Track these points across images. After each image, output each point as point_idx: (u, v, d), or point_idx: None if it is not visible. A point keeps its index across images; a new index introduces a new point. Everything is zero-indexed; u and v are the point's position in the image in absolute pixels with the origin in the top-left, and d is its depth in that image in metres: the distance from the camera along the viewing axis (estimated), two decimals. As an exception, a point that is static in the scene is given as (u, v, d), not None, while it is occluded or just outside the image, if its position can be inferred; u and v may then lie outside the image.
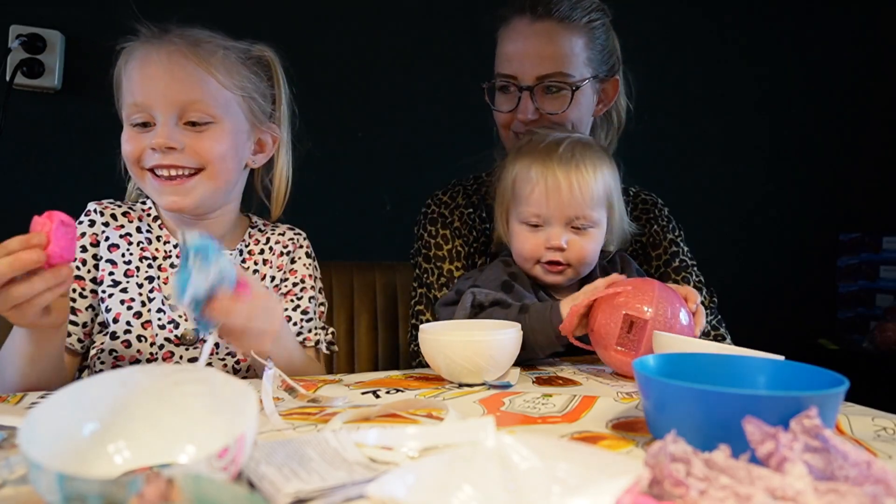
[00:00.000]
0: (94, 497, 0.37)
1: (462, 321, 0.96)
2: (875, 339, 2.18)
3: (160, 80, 0.91)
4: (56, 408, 0.47)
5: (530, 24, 1.15)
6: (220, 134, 0.93)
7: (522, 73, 1.16)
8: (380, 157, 1.86)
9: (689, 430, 0.47)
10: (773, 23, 2.33)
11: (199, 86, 0.92)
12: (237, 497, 0.34)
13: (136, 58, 0.93)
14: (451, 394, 0.77)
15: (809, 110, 2.39)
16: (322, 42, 1.80)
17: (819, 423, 0.44)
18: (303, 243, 1.09)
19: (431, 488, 0.42)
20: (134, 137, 0.92)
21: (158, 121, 0.91)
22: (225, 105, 0.94)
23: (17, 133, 1.54)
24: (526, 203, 1.03)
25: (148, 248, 0.99)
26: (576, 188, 1.01)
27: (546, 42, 1.15)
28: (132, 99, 0.92)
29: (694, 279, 1.24)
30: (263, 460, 0.48)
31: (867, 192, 2.45)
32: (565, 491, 0.42)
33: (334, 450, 0.50)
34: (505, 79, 1.18)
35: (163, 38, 0.94)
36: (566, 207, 1.02)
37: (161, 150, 0.90)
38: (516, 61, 1.16)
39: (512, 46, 1.17)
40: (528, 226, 1.04)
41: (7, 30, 1.50)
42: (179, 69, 0.91)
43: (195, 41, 0.94)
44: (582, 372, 0.92)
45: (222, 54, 0.95)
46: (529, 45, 1.16)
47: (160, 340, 0.95)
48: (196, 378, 0.53)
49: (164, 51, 0.92)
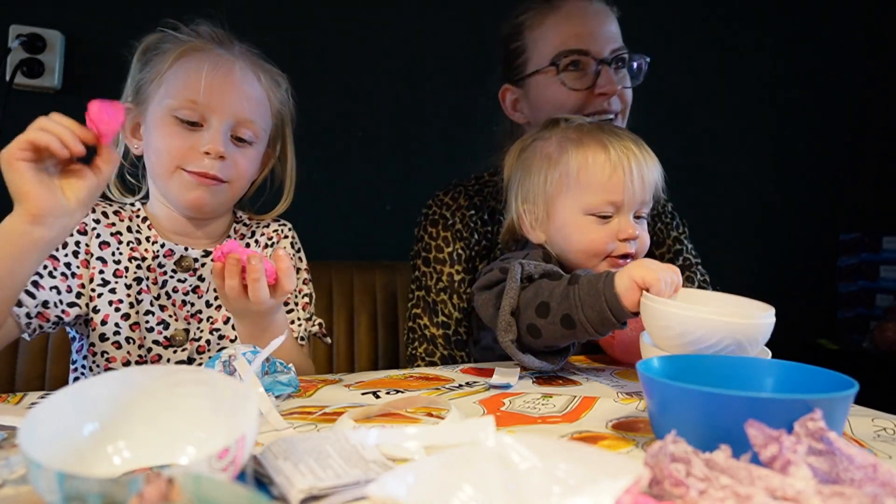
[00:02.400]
0: (94, 497, 0.37)
1: (694, 294, 0.83)
2: (875, 339, 2.18)
3: (229, 88, 0.93)
4: (56, 408, 0.47)
5: (589, 4, 1.17)
6: (254, 154, 0.99)
7: (597, 46, 1.14)
8: (380, 157, 1.86)
9: (693, 432, 0.47)
10: (774, 22, 2.33)
11: (260, 107, 0.98)
12: (237, 497, 0.34)
13: (204, 58, 0.94)
14: (452, 394, 0.77)
15: (810, 110, 2.39)
16: (322, 42, 1.79)
17: (823, 425, 0.44)
18: (287, 234, 1.09)
19: (431, 488, 0.42)
20: (181, 134, 0.92)
21: (212, 126, 0.92)
22: (266, 129, 1.00)
23: (17, 133, 1.53)
24: (603, 190, 0.93)
25: (137, 248, 0.98)
26: (652, 170, 0.95)
27: (607, 18, 1.18)
28: (192, 96, 0.91)
29: (699, 278, 1.23)
30: (282, 455, 0.48)
31: (867, 192, 2.45)
32: (565, 491, 0.42)
33: (353, 447, 0.50)
34: (577, 55, 1.14)
35: (232, 48, 0.97)
36: (644, 192, 0.94)
37: (216, 156, 0.92)
38: (587, 37, 1.15)
39: (578, 24, 1.16)
40: (596, 217, 0.94)
41: (7, 30, 1.50)
42: (249, 87, 0.96)
43: (260, 63, 0.99)
44: (582, 372, 0.92)
45: (278, 83, 1.01)
46: (597, 21, 1.16)
47: (148, 343, 0.95)
48: (196, 379, 0.53)
49: (236, 62, 0.95)
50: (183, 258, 0.98)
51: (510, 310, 0.86)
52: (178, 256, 0.98)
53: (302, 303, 1.06)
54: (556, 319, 0.82)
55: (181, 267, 0.98)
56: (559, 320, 0.82)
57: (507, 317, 0.86)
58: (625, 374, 0.90)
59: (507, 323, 0.86)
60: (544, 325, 0.84)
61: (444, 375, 0.88)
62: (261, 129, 0.98)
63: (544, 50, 1.17)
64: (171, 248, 0.98)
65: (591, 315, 0.81)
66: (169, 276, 0.98)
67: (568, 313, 0.82)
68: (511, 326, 0.86)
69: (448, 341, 1.15)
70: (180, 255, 0.98)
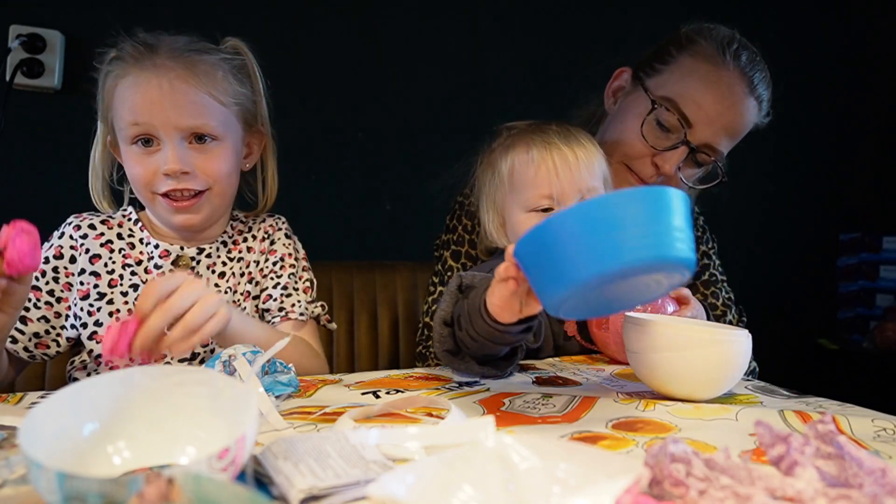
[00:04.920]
0: (94, 496, 0.37)
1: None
2: (875, 339, 2.19)
3: (161, 106, 0.90)
4: (56, 408, 0.47)
5: (743, 95, 1.06)
6: (224, 152, 0.95)
7: (700, 131, 1.05)
8: (380, 157, 1.86)
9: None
10: (772, 22, 2.33)
11: (203, 110, 0.92)
12: (238, 497, 0.34)
13: (130, 83, 0.90)
14: (452, 394, 0.77)
15: (810, 110, 2.38)
16: (322, 42, 1.79)
17: (833, 428, 0.44)
18: (281, 226, 1.10)
19: (431, 488, 0.42)
20: (141, 160, 0.92)
21: (165, 143, 0.91)
22: (226, 123, 0.95)
23: (17, 133, 1.54)
24: (533, 187, 0.97)
25: (130, 253, 0.98)
26: (582, 159, 0.97)
27: (740, 118, 1.06)
28: (133, 119, 0.90)
29: (724, 295, 1.18)
30: (282, 455, 0.48)
31: (867, 192, 2.45)
32: (565, 491, 0.42)
33: (353, 447, 0.50)
34: (681, 118, 1.05)
35: (155, 59, 0.90)
36: (577, 180, 0.96)
37: (175, 175, 0.91)
38: (704, 116, 1.05)
39: (712, 99, 1.04)
40: (537, 212, 0.98)
41: (7, 30, 1.50)
42: (181, 95, 0.90)
43: (190, 62, 0.92)
44: (582, 372, 0.92)
45: (221, 74, 0.95)
46: (728, 113, 1.05)
47: None
48: (196, 379, 0.53)
49: (162, 77, 0.90)
50: (179, 257, 0.99)
51: (442, 320, 0.84)
52: (174, 256, 0.99)
53: (303, 287, 1.06)
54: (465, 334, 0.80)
55: (179, 266, 0.99)
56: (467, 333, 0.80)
57: (439, 327, 0.84)
58: (625, 374, 0.90)
59: (439, 334, 0.85)
60: (463, 337, 0.81)
61: (445, 375, 0.88)
62: (215, 124, 0.93)
63: (666, 85, 1.08)
64: (167, 249, 0.99)
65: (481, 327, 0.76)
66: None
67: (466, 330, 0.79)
68: (444, 337, 0.84)
69: None
70: (176, 255, 0.99)
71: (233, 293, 1.02)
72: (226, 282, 1.02)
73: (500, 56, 1.94)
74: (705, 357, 0.72)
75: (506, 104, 1.94)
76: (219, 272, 1.02)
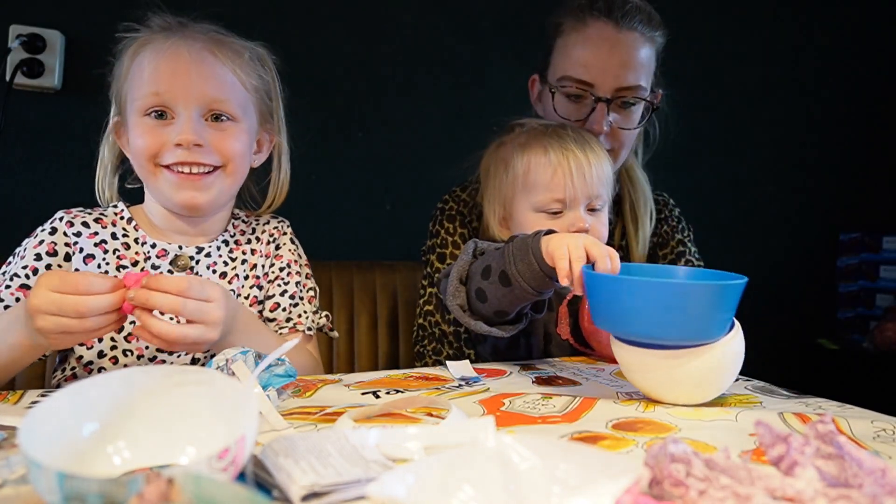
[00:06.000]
0: (94, 496, 0.37)
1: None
2: (875, 339, 2.18)
3: (185, 75, 0.89)
4: (56, 408, 0.47)
5: (616, 33, 1.11)
6: (239, 133, 0.93)
7: (602, 83, 1.11)
8: (380, 157, 1.86)
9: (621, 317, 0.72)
10: (773, 22, 2.33)
11: (226, 85, 0.92)
12: (238, 497, 0.34)
13: (155, 49, 0.90)
14: (452, 394, 0.77)
15: (810, 110, 2.39)
16: (322, 42, 1.79)
17: (833, 428, 0.44)
18: (286, 230, 1.08)
19: (431, 488, 0.42)
20: (151, 131, 0.89)
21: (181, 115, 0.89)
22: (244, 107, 0.95)
23: (17, 133, 1.54)
24: (547, 190, 1.01)
25: (125, 254, 0.94)
26: (594, 166, 1.01)
27: (629, 53, 1.11)
28: (152, 88, 0.88)
29: None
30: (282, 452, 0.48)
31: (867, 192, 2.45)
32: (565, 491, 0.42)
33: (353, 447, 0.50)
34: (580, 86, 1.13)
35: (184, 32, 0.91)
36: (588, 187, 1.00)
37: (188, 146, 0.88)
38: (596, 70, 1.11)
39: (591, 53, 1.11)
40: (547, 214, 1.02)
41: (7, 30, 1.50)
42: (207, 67, 0.90)
43: (219, 40, 0.93)
44: (582, 372, 0.92)
45: (248, 56, 0.95)
46: (614, 55, 1.11)
47: (150, 353, 0.92)
48: (197, 379, 0.53)
49: (190, 46, 0.90)
50: (178, 257, 0.96)
51: (458, 277, 0.91)
52: (172, 256, 0.96)
53: (307, 296, 1.05)
54: (496, 278, 0.86)
55: (178, 266, 0.95)
56: (498, 278, 0.86)
57: (455, 283, 0.91)
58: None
59: (454, 288, 0.91)
60: (487, 286, 0.87)
61: (444, 375, 0.88)
62: (235, 105, 0.92)
63: (559, 65, 1.16)
64: (165, 248, 0.96)
65: (522, 269, 0.83)
66: None
67: (504, 269, 0.85)
68: (459, 292, 0.91)
69: (459, 338, 1.15)
70: (175, 255, 0.96)
71: (236, 296, 0.98)
72: (228, 283, 0.99)
73: (500, 56, 1.94)
74: (693, 368, 0.72)
75: (506, 104, 1.94)
76: (220, 272, 0.98)
